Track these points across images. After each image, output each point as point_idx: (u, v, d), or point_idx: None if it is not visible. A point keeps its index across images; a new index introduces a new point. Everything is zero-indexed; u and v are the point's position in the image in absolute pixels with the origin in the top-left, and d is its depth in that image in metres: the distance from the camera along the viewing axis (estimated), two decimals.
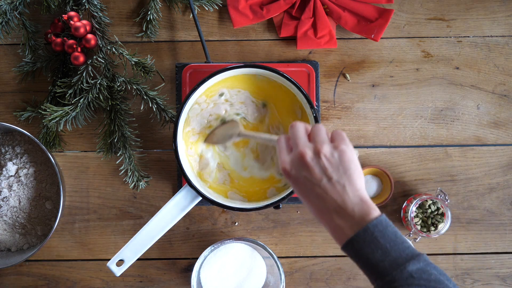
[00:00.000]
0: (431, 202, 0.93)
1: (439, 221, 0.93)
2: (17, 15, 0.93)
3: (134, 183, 0.94)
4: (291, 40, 0.98)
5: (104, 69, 0.93)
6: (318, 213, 0.65)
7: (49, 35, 0.93)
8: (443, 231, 0.92)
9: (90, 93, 0.92)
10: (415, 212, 0.93)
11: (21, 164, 0.93)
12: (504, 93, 0.98)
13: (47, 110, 0.91)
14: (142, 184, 0.95)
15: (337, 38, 0.98)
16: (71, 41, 0.92)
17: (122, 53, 0.93)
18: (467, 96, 0.98)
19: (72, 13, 0.92)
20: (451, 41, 0.98)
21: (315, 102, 0.93)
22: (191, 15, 0.98)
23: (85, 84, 0.92)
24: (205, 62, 0.94)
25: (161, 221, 0.82)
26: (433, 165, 0.97)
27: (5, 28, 0.93)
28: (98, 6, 0.94)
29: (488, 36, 0.98)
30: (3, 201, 0.92)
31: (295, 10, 0.97)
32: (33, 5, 0.97)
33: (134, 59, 0.92)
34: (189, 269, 0.96)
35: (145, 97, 0.92)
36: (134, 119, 0.96)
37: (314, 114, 0.81)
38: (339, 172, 0.63)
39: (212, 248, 0.90)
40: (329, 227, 0.64)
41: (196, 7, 0.97)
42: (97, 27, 0.93)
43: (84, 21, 0.92)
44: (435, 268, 0.60)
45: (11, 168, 0.92)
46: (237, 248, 0.93)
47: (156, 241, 0.83)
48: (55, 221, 0.89)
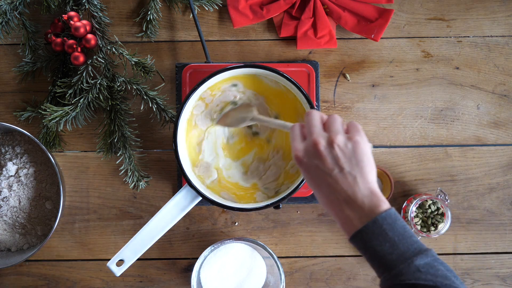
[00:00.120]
0: (431, 202, 0.93)
1: (439, 221, 0.93)
2: (17, 15, 0.93)
3: (134, 183, 0.94)
4: (291, 40, 0.98)
5: (104, 69, 0.93)
6: (327, 202, 0.64)
7: (49, 35, 0.93)
8: (443, 231, 0.92)
9: (90, 93, 0.92)
10: (415, 212, 0.93)
11: (21, 164, 0.93)
12: (504, 93, 0.98)
13: (47, 110, 0.91)
14: (142, 184, 0.95)
15: (337, 38, 0.98)
16: (71, 41, 0.92)
17: (122, 53, 0.93)
18: (467, 96, 0.98)
19: (72, 13, 0.92)
20: (451, 41, 0.98)
21: (315, 102, 0.93)
22: (191, 15, 0.98)
23: (85, 84, 0.92)
24: (205, 62, 0.94)
25: (161, 221, 0.82)
26: (433, 165, 0.97)
27: (5, 28, 0.93)
28: (98, 6, 0.94)
29: (488, 36, 0.98)
30: (3, 201, 0.92)
31: (295, 10, 0.97)
32: (33, 5, 0.97)
33: (134, 59, 0.92)
34: (189, 269, 0.96)
35: (145, 97, 0.92)
36: (134, 119, 0.96)
37: None
38: (351, 164, 0.63)
39: (212, 248, 0.90)
40: (338, 217, 0.64)
41: (196, 7, 0.97)
42: (97, 27, 0.93)
43: (84, 21, 0.92)
44: (443, 264, 0.60)
45: (11, 168, 0.92)
46: (237, 248, 0.93)
47: (156, 241, 0.83)
48: (55, 221, 0.89)
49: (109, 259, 0.84)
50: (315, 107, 0.84)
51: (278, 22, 0.98)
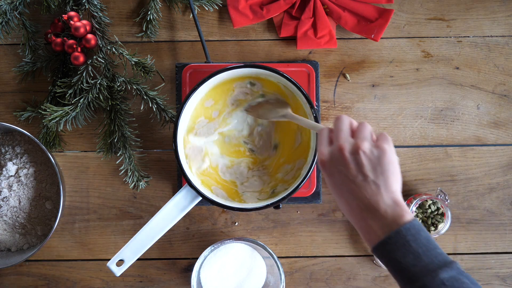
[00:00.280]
0: (431, 202, 0.93)
1: (439, 221, 0.93)
2: (17, 15, 0.93)
3: (134, 183, 0.94)
4: (291, 40, 0.98)
5: (104, 69, 0.93)
6: (349, 210, 0.63)
7: (49, 35, 0.93)
8: (443, 231, 0.92)
9: (90, 93, 0.92)
10: (415, 212, 0.93)
11: (21, 164, 0.93)
12: (504, 93, 0.98)
13: (47, 110, 0.91)
14: (142, 184, 0.95)
15: (337, 38, 0.98)
16: (71, 41, 0.92)
17: (122, 53, 0.93)
18: (467, 96, 0.98)
19: (72, 13, 0.92)
20: (451, 41, 0.98)
21: (315, 102, 0.93)
22: (191, 15, 0.98)
23: (85, 84, 0.92)
24: (205, 62, 0.94)
25: (161, 221, 0.82)
26: (433, 165, 0.97)
27: (5, 28, 0.93)
28: (98, 6, 0.94)
29: (488, 36, 0.98)
30: (3, 201, 0.92)
31: (295, 10, 0.97)
32: (33, 5, 0.97)
33: (134, 59, 0.92)
34: (189, 269, 0.96)
35: (145, 97, 0.92)
36: (134, 119, 0.96)
37: (314, 114, 0.81)
38: (376, 172, 0.62)
39: (212, 248, 0.90)
40: (359, 226, 0.63)
41: (196, 7, 0.97)
42: (97, 27, 0.93)
43: (84, 21, 0.92)
44: (468, 277, 0.59)
45: (11, 168, 0.92)
46: (237, 248, 0.93)
47: (156, 241, 0.82)
48: (55, 221, 0.89)
49: (109, 259, 0.84)
50: (315, 107, 0.84)
51: (278, 22, 0.98)
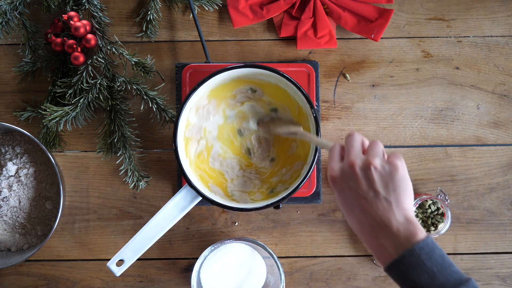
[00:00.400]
0: (431, 202, 0.93)
1: (439, 221, 0.93)
2: (17, 15, 0.93)
3: (134, 183, 0.94)
4: (291, 40, 0.98)
5: (104, 69, 0.93)
6: (360, 228, 0.62)
7: (49, 35, 0.93)
8: (443, 231, 0.92)
9: (90, 93, 0.92)
10: (415, 212, 0.93)
11: (21, 164, 0.93)
12: (504, 93, 0.98)
13: (47, 110, 0.91)
14: (142, 184, 0.95)
15: (337, 38, 0.98)
16: (71, 41, 0.92)
17: (122, 53, 0.93)
18: (467, 96, 0.98)
19: (72, 13, 0.92)
20: (451, 41, 0.98)
21: (315, 102, 0.93)
22: (191, 15, 0.98)
23: (85, 84, 0.92)
24: (205, 62, 0.94)
25: (161, 221, 0.82)
26: (433, 165, 0.97)
27: (5, 28, 0.93)
28: (98, 6, 0.94)
29: (488, 36, 0.98)
30: (3, 201, 0.92)
31: (295, 10, 0.97)
32: (33, 5, 0.97)
33: (134, 59, 0.92)
34: (189, 269, 0.96)
35: (145, 97, 0.92)
36: (134, 119, 0.96)
37: (314, 114, 0.81)
38: (387, 189, 0.61)
39: (212, 248, 0.90)
40: (371, 244, 0.62)
41: (196, 7, 0.97)
42: (97, 27, 0.93)
43: (84, 21, 0.92)
44: None
45: (11, 168, 0.92)
46: (237, 248, 0.93)
47: (156, 241, 0.82)
48: (55, 221, 0.89)
49: (109, 259, 0.84)
50: (315, 107, 0.84)
51: (278, 22, 0.98)
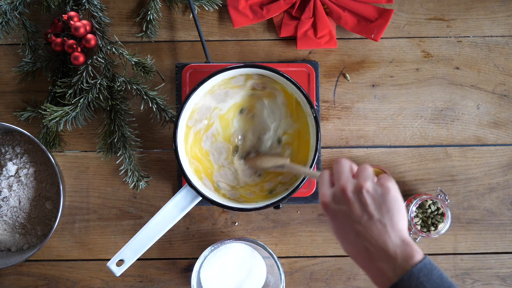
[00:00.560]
0: (431, 202, 0.93)
1: (439, 221, 0.93)
2: (17, 15, 0.93)
3: (134, 183, 0.94)
4: (291, 40, 0.98)
5: (104, 69, 0.93)
6: (356, 253, 0.62)
7: (49, 35, 0.93)
8: (443, 231, 0.92)
9: (90, 93, 0.92)
10: (415, 212, 0.93)
11: (21, 164, 0.93)
12: (504, 93, 0.98)
13: (47, 110, 0.91)
14: (142, 184, 0.95)
15: (337, 38, 0.98)
16: (71, 41, 0.92)
17: (122, 53, 0.93)
18: (467, 96, 0.98)
19: (72, 13, 0.92)
20: (451, 41, 0.98)
21: (315, 102, 0.93)
22: (191, 15, 0.98)
23: (85, 84, 0.92)
24: (205, 62, 0.94)
25: (161, 221, 0.82)
26: (433, 165, 0.97)
27: (5, 28, 0.93)
28: (98, 6, 0.94)
29: (488, 36, 0.98)
30: (3, 201, 0.92)
31: (295, 10, 0.97)
32: (33, 5, 0.97)
33: (134, 59, 0.92)
34: (189, 269, 0.96)
35: (145, 97, 0.92)
36: (134, 119, 0.96)
37: (314, 114, 0.81)
38: (381, 211, 0.60)
39: (212, 248, 0.90)
40: (368, 269, 0.61)
41: (196, 7, 0.97)
42: (97, 27, 0.93)
43: (84, 21, 0.92)
44: None
45: (11, 168, 0.92)
46: (237, 248, 0.93)
47: (156, 241, 0.82)
48: (55, 221, 0.89)
49: (109, 259, 0.84)
50: (315, 107, 0.84)
51: (278, 22, 0.98)
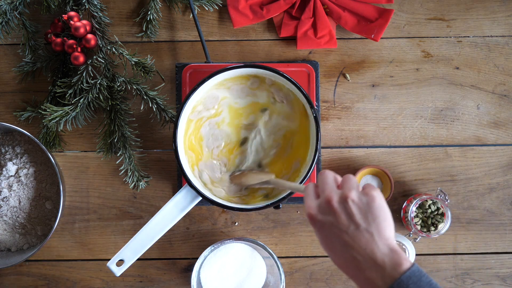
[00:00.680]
0: (431, 202, 0.93)
1: (439, 221, 0.93)
2: (17, 15, 0.93)
3: (134, 183, 0.94)
4: (291, 40, 0.98)
5: (104, 69, 0.93)
6: (344, 263, 0.62)
7: (49, 35, 0.93)
8: (443, 231, 0.92)
9: (90, 93, 0.92)
10: (415, 212, 0.93)
11: (21, 164, 0.93)
12: (504, 93, 0.98)
13: (47, 110, 0.91)
14: (142, 184, 0.95)
15: (337, 38, 0.98)
16: (71, 41, 0.92)
17: (122, 53, 0.93)
18: (467, 96, 0.98)
19: (72, 13, 0.92)
20: (451, 41, 0.98)
21: (315, 102, 0.93)
22: (191, 15, 0.98)
23: (85, 84, 0.92)
24: (205, 62, 0.94)
25: (161, 221, 0.82)
26: (433, 165, 0.97)
27: (5, 28, 0.93)
28: (98, 6, 0.94)
29: (488, 36, 0.98)
30: (3, 201, 0.92)
31: (295, 10, 0.97)
32: (33, 5, 0.97)
33: (134, 59, 0.92)
34: (189, 269, 0.96)
35: (145, 97, 0.92)
36: (134, 119, 0.96)
37: (314, 114, 0.81)
38: (367, 220, 0.60)
39: (212, 248, 0.90)
40: (357, 279, 0.61)
41: (196, 7, 0.97)
42: (97, 27, 0.93)
43: (84, 21, 0.92)
44: None
45: (11, 168, 0.92)
46: (237, 248, 0.93)
47: (156, 241, 0.82)
48: (55, 221, 0.89)
49: (109, 259, 0.84)
50: (315, 107, 0.84)
51: (278, 22, 0.98)
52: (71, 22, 0.91)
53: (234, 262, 0.93)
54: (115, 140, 0.93)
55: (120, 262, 0.82)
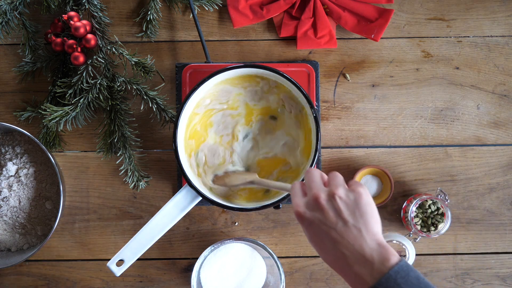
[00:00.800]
0: (431, 202, 0.93)
1: (439, 221, 0.93)
2: (17, 15, 0.93)
3: (134, 183, 0.94)
4: (291, 40, 0.98)
5: (104, 69, 0.93)
6: (333, 260, 0.62)
7: (49, 35, 0.93)
8: (443, 231, 0.92)
9: (90, 93, 0.92)
10: (415, 212, 0.93)
11: (21, 164, 0.93)
12: (504, 93, 0.98)
13: (47, 110, 0.91)
14: (142, 184, 0.95)
15: (337, 38, 0.98)
16: (71, 41, 0.92)
17: (122, 53, 0.93)
18: (467, 96, 0.98)
19: (72, 13, 0.92)
20: (451, 41, 0.98)
21: (315, 102, 0.93)
22: (191, 15, 0.98)
23: (85, 84, 0.92)
24: (205, 62, 0.94)
25: (161, 221, 0.82)
26: (433, 165, 0.97)
27: (5, 28, 0.93)
28: (98, 6, 0.94)
29: (488, 36, 0.98)
30: (3, 201, 0.92)
31: (295, 10, 0.97)
32: (33, 5, 0.97)
33: (134, 59, 0.92)
34: (189, 269, 0.96)
35: (145, 97, 0.92)
36: (134, 119, 0.96)
37: (314, 114, 0.81)
38: (355, 216, 0.61)
39: (212, 248, 0.90)
40: (345, 275, 0.61)
41: (196, 7, 0.97)
42: (97, 27, 0.93)
43: (84, 21, 0.92)
44: None
45: (11, 168, 0.92)
46: (237, 248, 0.93)
47: (156, 241, 0.83)
48: (55, 221, 0.89)
49: (109, 259, 0.84)
50: (315, 107, 0.84)
51: (278, 22, 0.98)
52: (71, 22, 0.91)
53: (234, 262, 0.93)
54: (115, 140, 0.93)
55: (120, 262, 0.82)
